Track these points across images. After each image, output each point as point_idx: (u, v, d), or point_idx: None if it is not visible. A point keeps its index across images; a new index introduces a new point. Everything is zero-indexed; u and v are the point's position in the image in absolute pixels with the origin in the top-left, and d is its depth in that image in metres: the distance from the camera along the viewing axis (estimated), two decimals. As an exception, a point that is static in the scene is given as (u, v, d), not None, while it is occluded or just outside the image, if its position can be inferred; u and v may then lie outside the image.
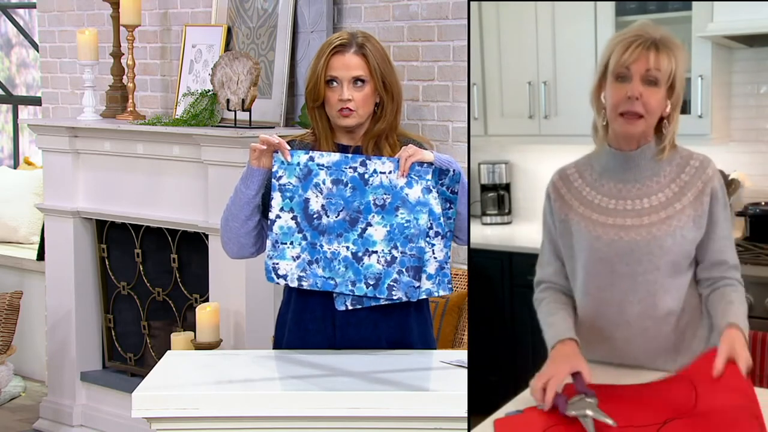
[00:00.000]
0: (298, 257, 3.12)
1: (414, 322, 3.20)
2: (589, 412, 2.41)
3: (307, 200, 3.11)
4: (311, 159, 3.11)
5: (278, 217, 3.12)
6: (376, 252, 3.08)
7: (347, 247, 3.09)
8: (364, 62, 3.16)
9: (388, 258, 3.08)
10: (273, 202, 3.12)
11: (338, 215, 3.10)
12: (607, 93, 2.69)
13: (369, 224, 3.09)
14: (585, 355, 2.85)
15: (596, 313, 2.82)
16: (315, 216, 3.10)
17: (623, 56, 2.63)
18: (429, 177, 3.07)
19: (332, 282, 3.10)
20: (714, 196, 2.75)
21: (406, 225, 3.07)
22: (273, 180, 3.12)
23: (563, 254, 2.87)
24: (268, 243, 3.13)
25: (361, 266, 3.09)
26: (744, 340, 2.62)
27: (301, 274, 3.12)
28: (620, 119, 2.68)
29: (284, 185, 3.11)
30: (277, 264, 3.13)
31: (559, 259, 2.88)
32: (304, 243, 3.11)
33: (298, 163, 3.11)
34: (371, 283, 3.08)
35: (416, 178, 3.07)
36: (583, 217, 2.78)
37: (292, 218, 3.12)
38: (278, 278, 3.13)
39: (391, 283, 3.07)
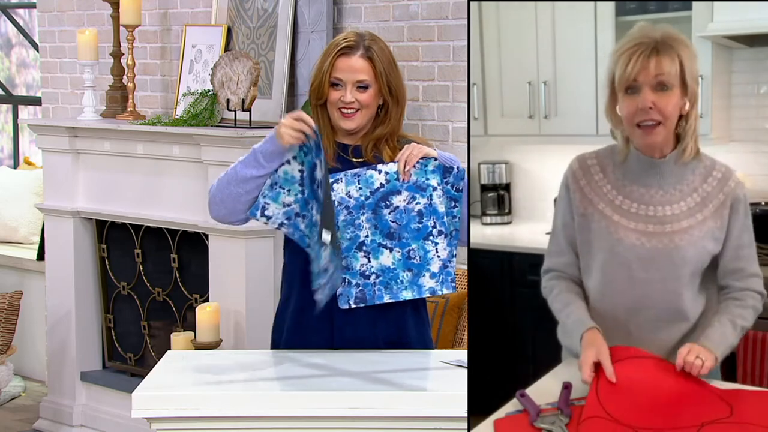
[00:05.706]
0: (288, 205, 3.09)
1: (412, 321, 3.20)
2: (556, 430, 2.42)
3: (314, 165, 3.03)
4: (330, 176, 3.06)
5: (288, 162, 3.08)
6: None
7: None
8: (370, 66, 3.14)
9: (394, 254, 3.09)
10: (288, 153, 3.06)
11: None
12: (620, 106, 2.66)
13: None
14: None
15: (609, 314, 2.81)
16: (317, 185, 3.04)
17: (627, 69, 2.60)
18: (430, 168, 3.07)
19: (307, 240, 3.06)
20: (734, 209, 2.73)
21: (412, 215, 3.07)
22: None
23: (579, 249, 2.84)
24: (267, 181, 3.08)
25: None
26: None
27: (285, 221, 3.10)
28: (638, 130, 2.66)
29: (304, 144, 3.03)
30: (268, 204, 3.09)
31: (574, 252, 2.85)
32: (300, 196, 3.09)
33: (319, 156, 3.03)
34: (376, 279, 3.08)
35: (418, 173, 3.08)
36: (604, 216, 2.76)
37: (299, 170, 3.08)
38: (262, 216, 3.09)
39: (395, 280, 3.08)
